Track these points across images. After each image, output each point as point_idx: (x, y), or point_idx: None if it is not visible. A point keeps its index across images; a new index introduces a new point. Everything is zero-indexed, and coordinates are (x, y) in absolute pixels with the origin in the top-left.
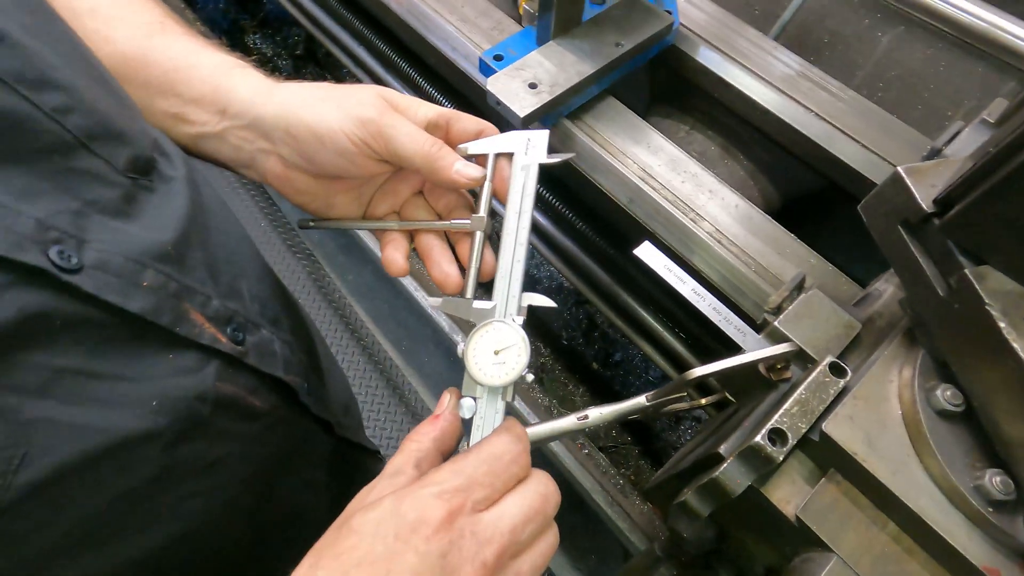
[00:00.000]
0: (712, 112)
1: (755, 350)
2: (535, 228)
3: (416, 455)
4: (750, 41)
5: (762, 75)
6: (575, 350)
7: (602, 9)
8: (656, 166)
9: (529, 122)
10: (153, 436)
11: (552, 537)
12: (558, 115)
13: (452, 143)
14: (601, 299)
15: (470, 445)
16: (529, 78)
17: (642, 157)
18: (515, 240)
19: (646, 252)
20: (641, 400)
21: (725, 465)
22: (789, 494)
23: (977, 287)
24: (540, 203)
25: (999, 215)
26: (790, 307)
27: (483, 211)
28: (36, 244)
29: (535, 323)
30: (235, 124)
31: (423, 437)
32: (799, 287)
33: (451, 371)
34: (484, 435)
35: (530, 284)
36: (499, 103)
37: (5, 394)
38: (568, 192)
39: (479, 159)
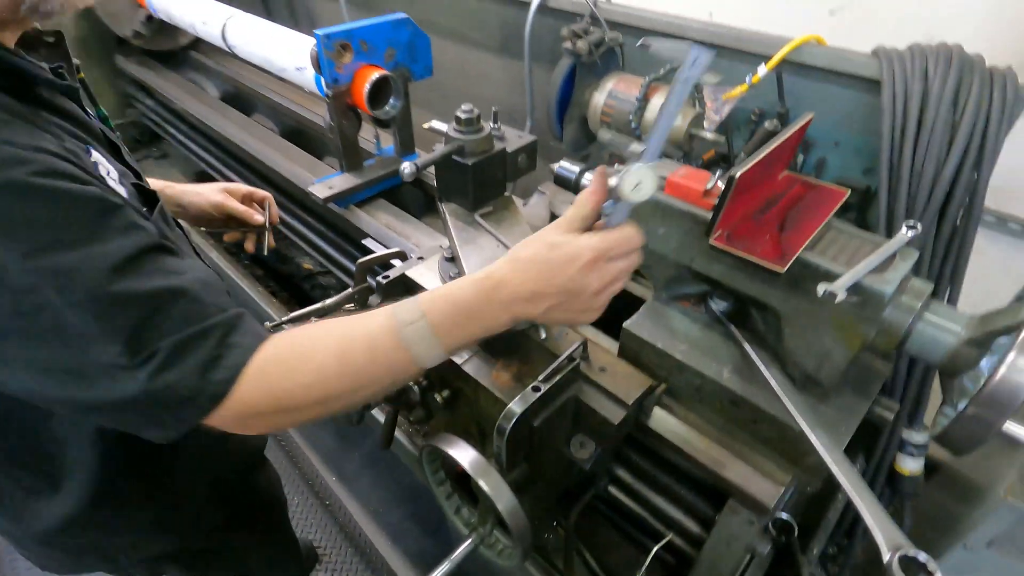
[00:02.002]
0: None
1: None
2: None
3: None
4: None
5: None
6: None
7: (374, 162)
8: (395, 223)
9: (328, 201)
10: None
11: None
12: (349, 202)
13: (255, 200)
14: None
15: (608, 225)
16: (329, 184)
17: (387, 218)
18: (666, 110)
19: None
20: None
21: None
22: None
23: (443, 208)
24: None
25: (443, 180)
26: None
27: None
28: None
29: None
30: (172, 209)
31: (585, 204)
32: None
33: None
34: (618, 221)
35: None
36: (312, 194)
37: None
38: (345, 233)
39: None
